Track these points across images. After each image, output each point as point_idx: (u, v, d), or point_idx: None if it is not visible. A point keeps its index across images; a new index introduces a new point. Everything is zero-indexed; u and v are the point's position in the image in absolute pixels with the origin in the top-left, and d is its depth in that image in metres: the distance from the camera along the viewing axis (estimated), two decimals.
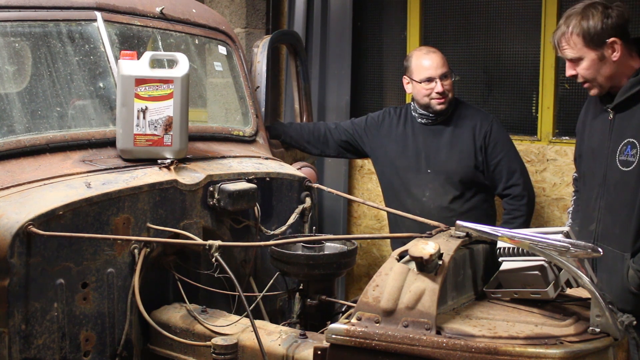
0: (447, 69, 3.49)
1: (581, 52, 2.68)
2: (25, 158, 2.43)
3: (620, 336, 1.77)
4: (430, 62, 3.49)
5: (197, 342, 2.33)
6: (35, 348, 2.16)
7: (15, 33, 2.59)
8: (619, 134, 2.70)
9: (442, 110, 3.51)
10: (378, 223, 4.87)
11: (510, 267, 1.99)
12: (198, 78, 3.20)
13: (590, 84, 2.74)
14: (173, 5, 3.12)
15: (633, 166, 2.63)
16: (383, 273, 1.87)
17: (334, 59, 4.82)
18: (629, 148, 2.65)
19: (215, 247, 2.23)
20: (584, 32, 2.65)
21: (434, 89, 3.46)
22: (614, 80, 2.70)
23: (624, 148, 2.66)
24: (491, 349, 1.68)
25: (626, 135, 2.67)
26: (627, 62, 2.69)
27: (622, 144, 2.67)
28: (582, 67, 2.70)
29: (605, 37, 2.64)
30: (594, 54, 2.66)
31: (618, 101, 2.69)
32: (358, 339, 1.80)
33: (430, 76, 3.47)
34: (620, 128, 2.70)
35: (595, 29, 2.64)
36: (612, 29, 2.64)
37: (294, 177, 2.94)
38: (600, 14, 2.64)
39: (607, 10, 2.65)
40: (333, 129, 3.78)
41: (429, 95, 3.49)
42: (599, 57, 2.66)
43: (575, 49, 2.68)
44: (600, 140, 2.79)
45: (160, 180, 2.47)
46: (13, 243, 2.09)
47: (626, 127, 2.68)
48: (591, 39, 2.65)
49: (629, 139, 2.65)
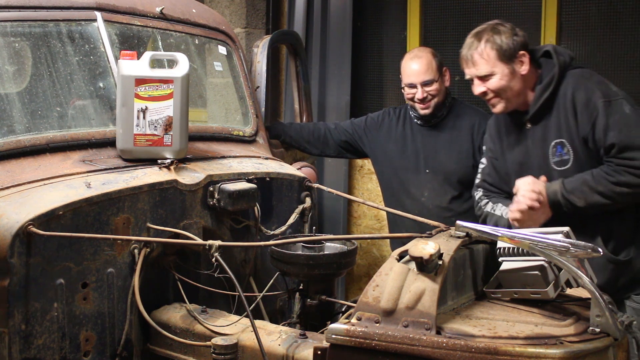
0: (430, 75, 3.46)
1: (494, 66, 2.75)
2: (25, 158, 2.43)
3: (620, 336, 1.77)
4: (413, 69, 3.49)
5: (197, 342, 2.33)
6: (35, 348, 2.16)
7: (15, 33, 2.59)
8: (543, 139, 2.77)
9: (426, 115, 3.51)
10: (378, 223, 4.87)
11: (510, 267, 1.99)
12: (198, 78, 3.20)
13: (499, 98, 2.80)
14: (173, 5, 3.12)
15: (570, 164, 2.71)
16: (383, 273, 1.87)
17: (334, 59, 4.82)
18: (560, 148, 2.72)
19: (215, 247, 2.23)
20: (498, 47, 2.74)
21: (415, 94, 3.47)
22: (521, 95, 2.80)
23: (554, 150, 2.74)
24: (491, 349, 1.68)
25: (551, 138, 2.75)
26: (531, 76, 2.79)
27: (551, 147, 2.74)
28: (494, 82, 2.76)
29: (516, 51, 2.75)
30: (506, 68, 2.75)
31: (534, 111, 2.77)
32: (358, 339, 1.80)
33: (412, 82, 3.48)
34: (542, 134, 2.77)
35: (507, 44, 2.74)
36: (521, 45, 2.77)
37: (294, 177, 2.94)
38: (509, 31, 2.77)
39: (515, 28, 2.79)
40: (333, 129, 3.79)
41: (412, 99, 3.50)
42: (510, 72, 2.75)
43: (489, 63, 2.76)
44: (525, 152, 2.84)
45: (160, 180, 2.47)
46: (13, 243, 2.09)
47: (548, 131, 2.76)
48: (504, 53, 2.74)
49: (556, 140, 2.73)
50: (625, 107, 2.63)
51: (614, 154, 2.60)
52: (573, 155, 2.69)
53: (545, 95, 2.74)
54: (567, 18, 4.20)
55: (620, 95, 2.67)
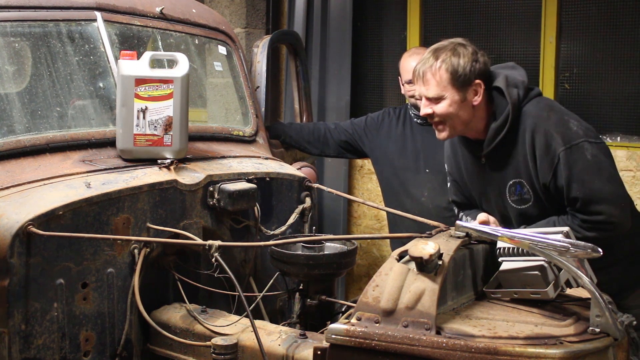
0: None
1: (445, 90, 2.56)
2: (25, 158, 2.42)
3: (620, 336, 1.77)
4: (412, 64, 3.47)
5: (197, 342, 2.33)
6: (35, 348, 2.16)
7: (15, 33, 2.59)
8: (500, 177, 2.65)
9: None
10: (378, 223, 4.87)
11: (510, 267, 1.99)
12: (198, 78, 3.20)
13: (444, 125, 2.62)
14: (173, 5, 3.12)
15: (531, 202, 2.59)
16: (383, 273, 1.87)
17: (334, 59, 4.82)
18: (519, 187, 2.60)
19: (215, 247, 2.23)
20: (453, 70, 2.54)
21: (416, 90, 3.47)
22: (469, 125, 2.63)
23: (513, 189, 2.62)
24: (491, 349, 1.68)
25: (509, 177, 2.62)
26: (483, 107, 2.61)
27: (508, 186, 2.63)
28: (442, 107, 2.58)
29: (472, 79, 2.56)
30: (457, 94, 2.56)
31: (488, 150, 2.63)
32: (358, 339, 1.79)
33: (411, 78, 3.47)
34: (499, 172, 2.65)
35: (464, 69, 2.54)
36: (479, 73, 2.57)
37: (294, 177, 2.94)
38: (470, 55, 2.56)
39: (476, 53, 2.58)
40: (333, 129, 3.78)
41: (413, 96, 3.50)
42: (461, 99, 2.56)
43: (440, 85, 2.56)
44: (482, 185, 2.74)
45: (160, 180, 2.47)
46: (13, 243, 2.09)
47: (505, 170, 2.63)
48: (458, 77, 2.54)
49: (514, 180, 2.61)
50: (587, 151, 2.48)
51: (579, 207, 2.48)
52: (533, 195, 2.58)
53: (500, 136, 2.58)
54: (567, 18, 4.20)
55: (581, 135, 2.50)
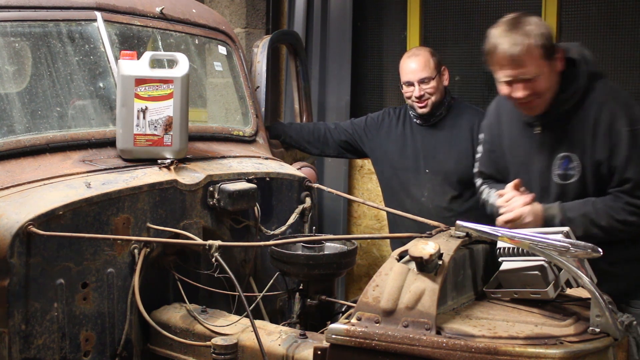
0: (427, 73, 3.45)
1: (541, 66, 2.40)
2: (25, 158, 2.43)
3: (620, 336, 1.77)
4: (410, 66, 3.49)
5: (197, 342, 2.33)
6: (35, 348, 2.16)
7: (15, 33, 2.59)
8: (551, 149, 2.58)
9: (425, 114, 3.51)
10: (378, 223, 4.87)
11: (510, 267, 1.99)
12: (198, 78, 3.20)
13: (540, 100, 2.48)
14: (173, 5, 3.12)
15: (574, 179, 2.54)
16: (383, 273, 1.87)
17: (334, 59, 4.82)
18: (566, 162, 2.54)
19: (215, 247, 2.24)
20: (544, 42, 2.37)
21: (413, 92, 3.48)
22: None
23: (560, 162, 2.56)
24: (491, 349, 1.68)
25: (560, 150, 2.56)
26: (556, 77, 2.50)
27: (557, 159, 2.57)
28: (541, 84, 2.43)
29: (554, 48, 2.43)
30: (548, 66, 2.41)
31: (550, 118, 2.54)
32: (358, 339, 1.79)
33: (409, 80, 3.48)
34: (551, 142, 2.58)
35: (550, 38, 2.36)
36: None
37: (294, 177, 2.94)
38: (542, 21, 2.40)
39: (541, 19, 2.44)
40: (333, 129, 3.79)
41: (410, 98, 3.50)
42: (551, 70, 2.43)
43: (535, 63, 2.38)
44: (528, 154, 2.65)
45: (160, 180, 2.47)
46: (13, 243, 2.09)
47: (558, 141, 2.57)
48: (548, 49, 2.38)
49: (565, 154, 2.55)
50: None
51: (627, 189, 2.45)
52: (580, 172, 2.53)
53: (567, 105, 2.51)
54: (567, 18, 4.20)
55: None
